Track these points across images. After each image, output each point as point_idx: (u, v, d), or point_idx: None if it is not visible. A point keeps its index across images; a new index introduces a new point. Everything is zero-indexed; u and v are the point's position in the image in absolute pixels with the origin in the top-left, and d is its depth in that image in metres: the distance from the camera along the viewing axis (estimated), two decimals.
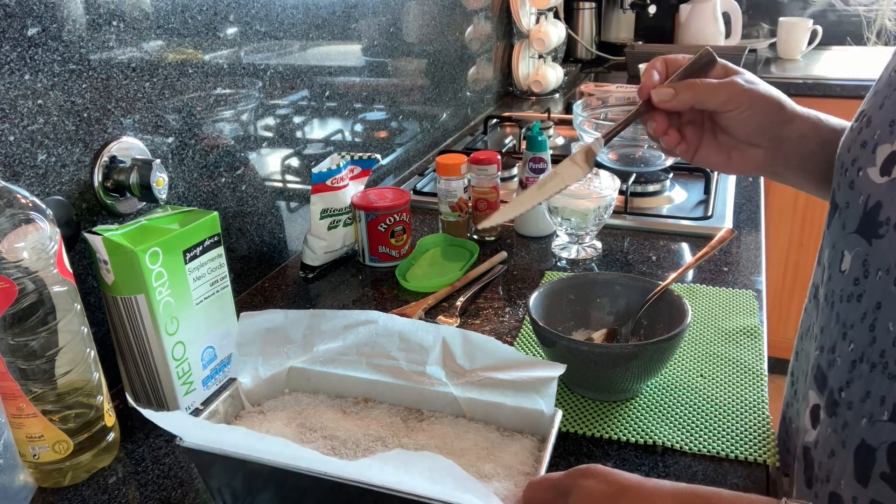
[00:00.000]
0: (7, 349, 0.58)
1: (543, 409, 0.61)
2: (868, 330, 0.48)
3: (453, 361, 0.65)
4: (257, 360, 0.68)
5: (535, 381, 0.61)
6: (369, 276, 1.04)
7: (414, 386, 0.66)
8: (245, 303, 0.98)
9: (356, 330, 0.68)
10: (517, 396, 0.62)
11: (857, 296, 0.50)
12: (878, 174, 0.48)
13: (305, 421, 0.65)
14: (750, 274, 0.99)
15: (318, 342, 0.69)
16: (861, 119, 0.53)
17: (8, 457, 0.60)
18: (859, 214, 0.50)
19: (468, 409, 0.65)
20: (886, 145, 0.48)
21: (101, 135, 0.75)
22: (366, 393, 0.68)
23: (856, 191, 0.51)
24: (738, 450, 0.66)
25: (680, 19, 2.42)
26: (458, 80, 1.73)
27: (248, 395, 0.67)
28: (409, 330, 0.67)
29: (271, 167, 1.05)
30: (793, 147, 0.66)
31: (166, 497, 0.63)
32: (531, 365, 0.63)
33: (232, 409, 0.66)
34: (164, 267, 0.68)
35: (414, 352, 0.66)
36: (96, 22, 0.73)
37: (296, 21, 1.07)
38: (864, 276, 0.49)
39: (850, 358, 0.50)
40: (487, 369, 0.64)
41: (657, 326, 0.77)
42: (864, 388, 0.49)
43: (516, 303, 0.94)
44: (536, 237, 1.13)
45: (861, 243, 0.50)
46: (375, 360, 0.67)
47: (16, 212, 0.56)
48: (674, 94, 0.64)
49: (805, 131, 0.65)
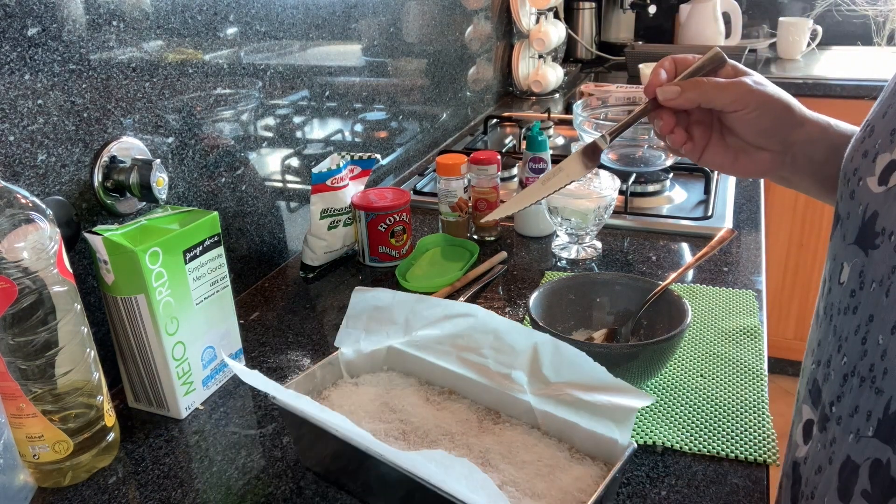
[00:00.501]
0: (7, 349, 0.58)
1: (618, 439, 0.58)
2: (860, 343, 0.47)
3: (539, 370, 0.64)
4: (360, 334, 0.71)
5: (615, 408, 0.58)
6: (369, 276, 1.04)
7: (495, 387, 0.66)
8: (245, 303, 0.98)
9: (455, 321, 0.69)
10: (592, 420, 0.60)
11: (853, 308, 0.49)
12: (877, 184, 0.47)
13: (390, 401, 0.67)
14: (750, 274, 0.99)
15: (417, 326, 0.71)
16: (866, 129, 0.52)
17: (8, 457, 0.60)
18: (858, 225, 0.49)
19: (543, 422, 0.64)
20: (886, 154, 0.47)
21: (101, 135, 0.75)
22: (452, 385, 0.69)
23: (856, 201, 0.50)
24: (738, 450, 0.66)
25: (680, 19, 2.42)
26: (458, 80, 1.73)
27: (348, 366, 0.70)
28: (504, 329, 0.66)
29: (271, 167, 1.05)
30: (801, 152, 0.65)
31: (166, 497, 0.63)
32: (617, 390, 0.59)
33: (330, 375, 0.69)
34: (164, 267, 0.68)
35: (504, 353, 0.66)
36: (96, 22, 0.73)
37: (296, 21, 1.07)
38: (860, 287, 0.48)
39: (842, 371, 0.50)
40: (571, 386, 0.62)
41: (657, 326, 0.77)
42: (853, 403, 0.48)
43: (516, 303, 0.94)
44: (536, 237, 1.13)
45: (859, 254, 0.49)
46: (466, 354, 0.68)
47: (16, 212, 0.56)
48: (680, 91, 0.64)
49: (814, 136, 0.65)
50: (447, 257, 1.08)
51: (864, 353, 0.47)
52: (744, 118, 0.64)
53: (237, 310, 0.81)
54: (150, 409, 0.74)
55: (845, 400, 0.49)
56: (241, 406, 0.76)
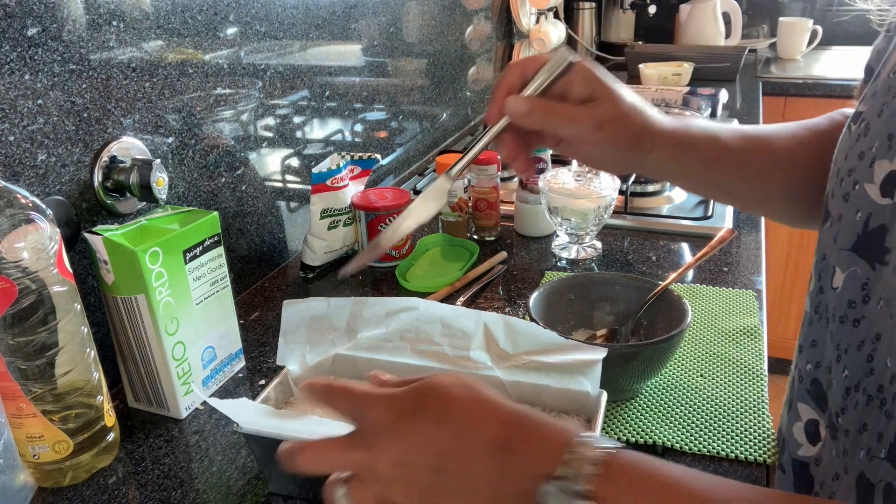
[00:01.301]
0: (7, 349, 0.58)
1: (589, 391, 0.63)
2: (865, 360, 0.46)
3: (496, 346, 0.67)
4: (304, 347, 0.70)
5: (579, 363, 0.63)
6: (369, 276, 1.04)
7: (460, 370, 0.67)
8: (245, 303, 0.98)
9: (398, 316, 0.69)
10: (562, 378, 0.64)
11: (854, 320, 0.47)
12: (879, 193, 0.45)
13: None
14: (750, 274, 0.99)
15: (361, 329, 0.70)
16: (860, 123, 0.50)
17: (8, 457, 0.60)
18: (856, 232, 0.47)
19: (514, 392, 0.66)
20: (885, 162, 0.45)
21: (101, 135, 0.75)
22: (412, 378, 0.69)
23: (850, 204, 0.48)
24: (738, 450, 0.66)
25: (680, 19, 2.42)
26: (458, 80, 1.73)
27: (297, 381, 0.69)
28: (450, 316, 0.68)
29: (271, 167, 1.05)
30: (650, 172, 0.66)
31: (166, 497, 0.63)
32: (573, 348, 0.65)
33: (282, 395, 0.68)
34: (164, 267, 0.68)
35: (457, 337, 0.68)
36: (96, 22, 0.73)
37: (296, 21, 1.07)
38: (864, 301, 0.47)
39: (844, 384, 0.49)
40: (531, 353, 0.66)
41: (657, 326, 0.77)
42: (860, 419, 0.47)
43: (516, 303, 0.94)
44: (536, 237, 1.13)
45: (859, 264, 0.47)
46: (419, 345, 0.69)
47: (16, 212, 0.56)
48: (528, 110, 0.59)
49: (663, 161, 0.62)
50: (447, 257, 1.08)
51: (869, 371, 0.46)
52: (586, 150, 0.62)
53: (237, 310, 0.81)
54: (150, 409, 0.74)
55: (851, 414, 0.48)
56: None
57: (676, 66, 1.99)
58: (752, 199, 0.69)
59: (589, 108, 0.59)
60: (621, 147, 0.61)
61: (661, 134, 0.61)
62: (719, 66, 2.12)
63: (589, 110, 0.59)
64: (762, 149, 0.65)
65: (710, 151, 0.63)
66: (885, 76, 0.49)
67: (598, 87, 0.59)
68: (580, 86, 0.59)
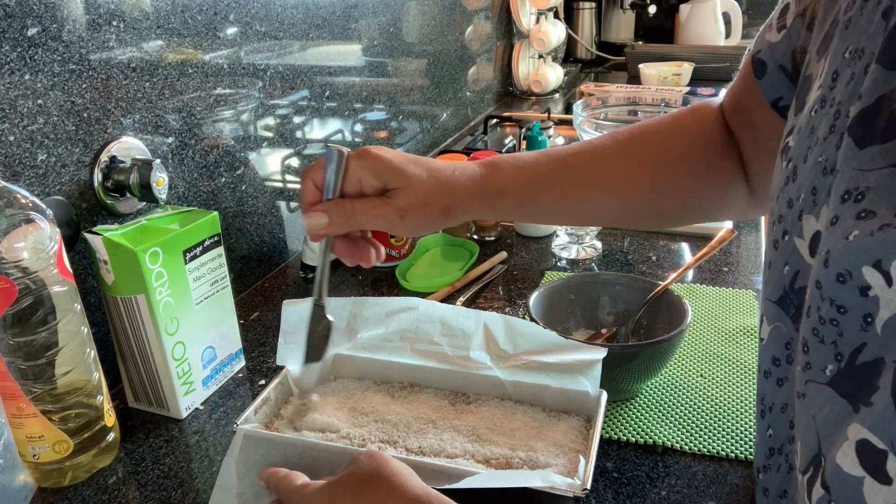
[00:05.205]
0: (7, 349, 0.58)
1: (589, 391, 0.63)
2: (788, 426, 0.43)
3: (496, 346, 0.67)
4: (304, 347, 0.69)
5: (579, 363, 0.64)
6: (369, 276, 1.04)
7: (460, 370, 0.67)
8: (245, 303, 0.98)
9: (398, 316, 0.70)
10: (562, 378, 0.64)
11: (778, 379, 0.44)
12: (808, 252, 0.40)
13: (356, 405, 0.66)
14: (750, 274, 0.99)
15: (361, 329, 0.70)
16: (787, 160, 0.44)
17: (8, 457, 0.60)
18: (783, 286, 0.43)
19: (514, 392, 0.66)
20: (811, 218, 0.40)
21: (101, 135, 0.75)
22: (412, 378, 0.69)
23: (780, 253, 0.43)
24: (738, 450, 0.66)
25: (680, 19, 2.42)
26: (458, 80, 1.73)
27: (297, 381, 0.69)
28: (450, 316, 0.69)
29: (271, 167, 1.05)
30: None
31: (166, 497, 0.63)
32: (573, 348, 0.65)
33: (282, 395, 0.67)
34: (164, 267, 0.68)
35: (457, 337, 0.68)
36: (96, 22, 0.73)
37: (296, 21, 1.07)
38: (787, 361, 0.43)
39: (767, 443, 0.46)
40: (531, 353, 0.66)
41: (657, 326, 0.77)
42: (781, 486, 0.44)
43: (516, 303, 0.94)
44: (536, 237, 1.13)
45: (783, 319, 0.43)
46: (419, 345, 0.69)
47: (16, 212, 0.56)
48: (327, 221, 0.57)
49: (475, 216, 0.63)
50: (447, 257, 1.08)
51: (791, 439, 0.43)
52: (403, 230, 0.60)
53: (237, 310, 0.81)
54: (150, 409, 0.74)
55: (772, 476, 0.46)
56: (241, 406, 0.76)
57: (676, 66, 1.99)
58: (613, 207, 0.67)
59: (387, 200, 0.57)
60: (434, 222, 0.60)
61: (470, 196, 0.60)
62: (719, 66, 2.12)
63: (388, 203, 0.57)
64: (604, 158, 0.65)
65: (555, 182, 0.63)
66: (807, 112, 0.43)
67: (391, 176, 0.58)
68: (372, 180, 0.58)
